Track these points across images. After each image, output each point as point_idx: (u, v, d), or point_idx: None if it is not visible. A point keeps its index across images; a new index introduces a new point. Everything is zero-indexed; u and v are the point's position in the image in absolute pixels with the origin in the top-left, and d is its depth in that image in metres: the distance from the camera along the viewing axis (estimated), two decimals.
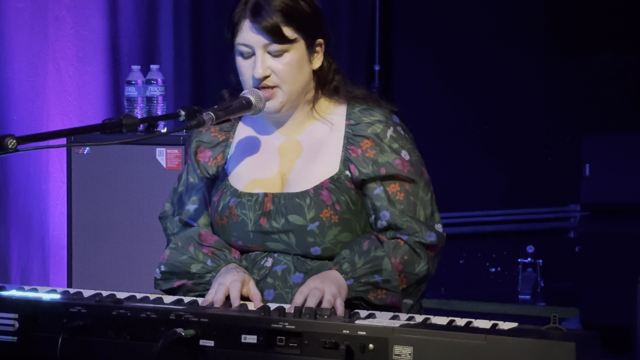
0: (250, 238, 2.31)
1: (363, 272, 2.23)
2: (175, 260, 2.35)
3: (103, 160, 3.63)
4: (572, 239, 5.37)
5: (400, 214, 2.28)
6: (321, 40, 2.34)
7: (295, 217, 2.27)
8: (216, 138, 2.42)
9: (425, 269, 2.28)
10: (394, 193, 2.30)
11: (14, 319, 2.04)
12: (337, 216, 2.27)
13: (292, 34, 2.28)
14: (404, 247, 2.28)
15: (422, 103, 5.21)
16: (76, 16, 4.12)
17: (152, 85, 3.74)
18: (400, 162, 2.31)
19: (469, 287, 5.29)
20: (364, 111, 2.35)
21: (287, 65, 2.28)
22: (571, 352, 1.77)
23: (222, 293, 2.17)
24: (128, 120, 2.12)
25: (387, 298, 2.24)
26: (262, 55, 2.27)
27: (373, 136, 2.32)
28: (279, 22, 2.26)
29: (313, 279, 2.20)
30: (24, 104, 3.98)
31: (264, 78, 2.28)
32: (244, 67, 2.31)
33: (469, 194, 5.33)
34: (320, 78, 2.36)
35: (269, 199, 2.30)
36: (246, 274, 2.26)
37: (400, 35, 5.40)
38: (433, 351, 1.84)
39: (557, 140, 5.37)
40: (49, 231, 4.04)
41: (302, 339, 1.91)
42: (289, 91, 2.30)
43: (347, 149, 2.32)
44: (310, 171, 2.31)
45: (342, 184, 2.30)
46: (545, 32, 5.39)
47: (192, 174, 2.42)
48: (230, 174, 2.37)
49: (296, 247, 2.29)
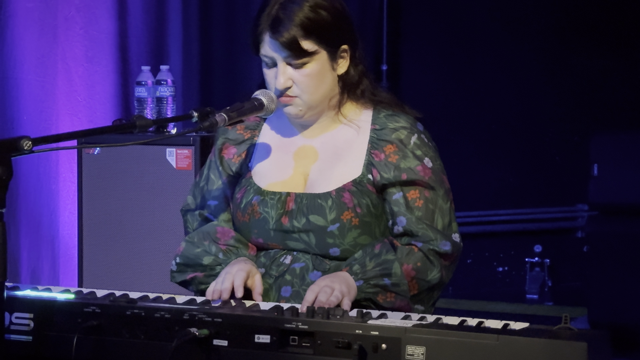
0: (270, 236, 2.33)
1: (373, 274, 2.25)
2: (189, 253, 2.37)
3: (113, 160, 3.64)
4: (580, 238, 5.38)
5: (417, 221, 2.29)
6: (346, 47, 2.33)
7: (316, 217, 2.28)
8: (241, 136, 2.43)
9: (438, 277, 2.29)
10: (413, 199, 2.30)
11: (29, 318, 2.06)
12: (357, 219, 2.28)
13: (312, 47, 2.28)
14: (418, 254, 2.28)
15: (429, 103, 5.20)
16: (85, 16, 4.13)
17: (162, 85, 3.75)
18: (422, 168, 2.31)
19: (477, 287, 5.30)
20: (390, 117, 2.36)
21: (308, 76, 2.29)
22: (583, 352, 1.78)
23: (229, 282, 2.20)
24: (141, 122, 2.13)
25: (396, 302, 2.25)
26: (283, 67, 2.29)
27: (397, 142, 2.32)
28: (297, 36, 2.26)
29: (323, 278, 2.23)
30: (33, 104, 3.99)
31: (286, 89, 2.30)
32: (268, 76, 2.33)
33: (476, 193, 5.34)
34: (346, 83, 2.35)
35: (291, 198, 2.31)
36: (254, 266, 2.28)
37: (407, 35, 5.41)
38: (445, 351, 1.85)
39: (565, 139, 5.38)
40: (58, 231, 4.05)
41: (315, 339, 1.92)
42: (308, 100, 2.32)
43: (371, 153, 2.33)
44: (333, 173, 2.33)
45: (364, 187, 2.30)
46: (552, 32, 5.39)
47: (214, 171, 2.43)
48: (254, 172, 2.39)
49: (315, 247, 2.30)
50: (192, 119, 2.21)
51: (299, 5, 2.28)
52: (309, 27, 2.27)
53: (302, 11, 2.27)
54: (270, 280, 2.31)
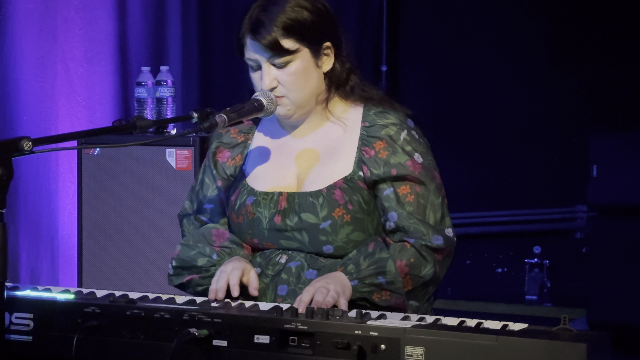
0: (265, 236, 2.34)
1: (367, 274, 2.25)
2: (184, 256, 2.39)
3: (113, 160, 3.64)
4: (579, 239, 5.38)
5: (408, 216, 2.30)
6: (329, 44, 2.35)
7: (308, 215, 2.29)
8: (235, 139, 2.45)
9: (432, 272, 2.30)
10: (404, 195, 2.31)
11: (29, 318, 2.06)
12: (349, 215, 2.29)
13: (294, 45, 2.30)
14: (410, 250, 2.29)
15: (428, 103, 5.22)
16: (85, 17, 4.13)
17: (161, 86, 3.75)
18: (411, 163, 2.32)
19: (476, 288, 5.30)
20: (379, 114, 2.37)
21: (293, 75, 2.31)
22: (582, 353, 1.78)
23: (224, 280, 2.22)
24: (141, 122, 2.13)
25: (392, 299, 2.26)
26: (267, 68, 2.31)
27: (387, 138, 2.34)
28: (278, 36, 2.28)
29: (318, 279, 2.24)
30: (33, 104, 3.99)
31: (272, 89, 2.32)
32: (254, 79, 2.35)
33: (475, 194, 5.34)
34: (333, 80, 2.37)
35: (283, 198, 2.33)
36: (248, 263, 2.30)
37: (407, 36, 5.41)
38: (445, 352, 1.85)
39: (564, 140, 5.38)
40: (58, 231, 4.06)
41: (315, 339, 1.92)
42: (296, 99, 2.33)
43: (361, 150, 2.34)
44: (325, 172, 2.34)
45: (355, 184, 2.32)
46: (551, 33, 5.40)
47: (209, 175, 2.45)
48: (248, 175, 2.40)
49: (309, 245, 2.31)
50: (192, 119, 2.22)
51: (280, 6, 2.30)
52: (289, 27, 2.29)
53: (283, 12, 2.29)
54: (267, 279, 2.32)
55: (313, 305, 2.12)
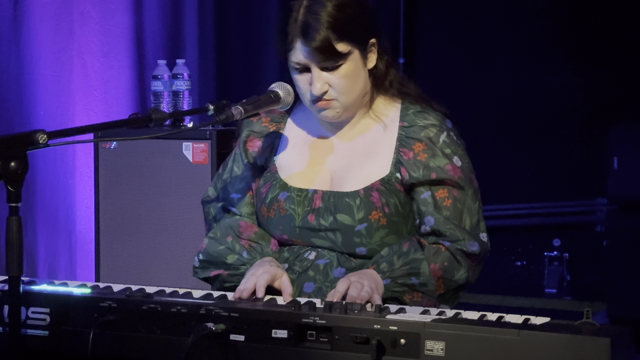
0: (296, 233, 2.30)
1: (400, 273, 2.22)
2: (212, 250, 2.35)
3: (130, 154, 3.64)
4: (599, 232, 5.34)
5: (445, 221, 2.26)
6: (374, 40, 2.30)
7: (344, 216, 2.26)
8: (267, 128, 2.40)
9: (465, 277, 2.27)
10: (441, 199, 2.27)
11: (46, 313, 2.05)
12: (385, 218, 2.26)
13: (346, 47, 2.24)
14: (445, 253, 2.26)
15: (446, 97, 5.13)
16: (101, 11, 4.13)
17: (178, 79, 3.74)
18: (451, 167, 2.29)
19: (495, 281, 5.27)
20: (418, 114, 2.32)
21: (344, 77, 2.26)
22: (606, 347, 1.75)
23: (252, 283, 2.18)
24: (157, 115, 2.12)
25: (423, 301, 2.23)
26: (317, 72, 2.25)
27: (426, 139, 2.29)
28: (330, 39, 2.22)
29: (352, 274, 2.20)
30: (49, 99, 3.99)
31: (323, 94, 2.26)
32: (300, 81, 2.28)
33: (494, 187, 5.30)
34: (377, 76, 2.32)
35: (318, 196, 2.29)
36: (280, 267, 2.26)
37: (424, 29, 5.38)
38: (465, 346, 1.83)
39: (584, 133, 5.34)
40: (75, 226, 4.06)
41: (333, 334, 1.90)
42: (345, 102, 2.28)
43: (399, 151, 2.29)
44: (361, 171, 2.29)
45: (392, 186, 2.28)
46: (571, 25, 5.35)
47: (238, 163, 2.41)
48: (278, 166, 2.36)
49: (342, 246, 2.28)
50: (208, 111, 2.19)
51: (323, 5, 2.23)
52: (339, 28, 2.22)
53: (327, 11, 2.22)
54: (293, 275, 2.28)
55: (347, 300, 2.09)
